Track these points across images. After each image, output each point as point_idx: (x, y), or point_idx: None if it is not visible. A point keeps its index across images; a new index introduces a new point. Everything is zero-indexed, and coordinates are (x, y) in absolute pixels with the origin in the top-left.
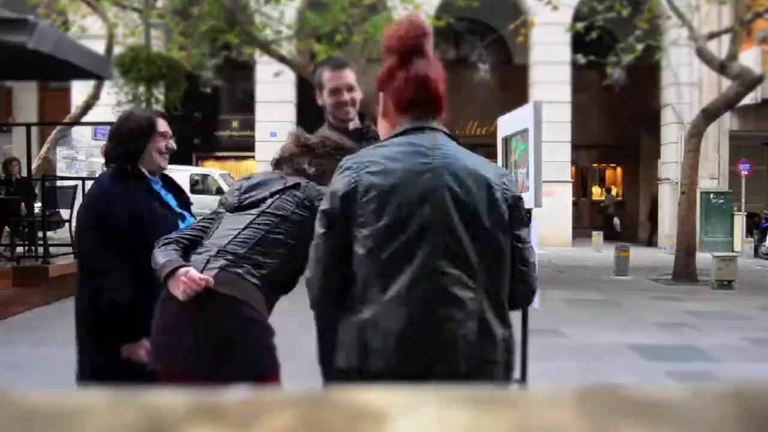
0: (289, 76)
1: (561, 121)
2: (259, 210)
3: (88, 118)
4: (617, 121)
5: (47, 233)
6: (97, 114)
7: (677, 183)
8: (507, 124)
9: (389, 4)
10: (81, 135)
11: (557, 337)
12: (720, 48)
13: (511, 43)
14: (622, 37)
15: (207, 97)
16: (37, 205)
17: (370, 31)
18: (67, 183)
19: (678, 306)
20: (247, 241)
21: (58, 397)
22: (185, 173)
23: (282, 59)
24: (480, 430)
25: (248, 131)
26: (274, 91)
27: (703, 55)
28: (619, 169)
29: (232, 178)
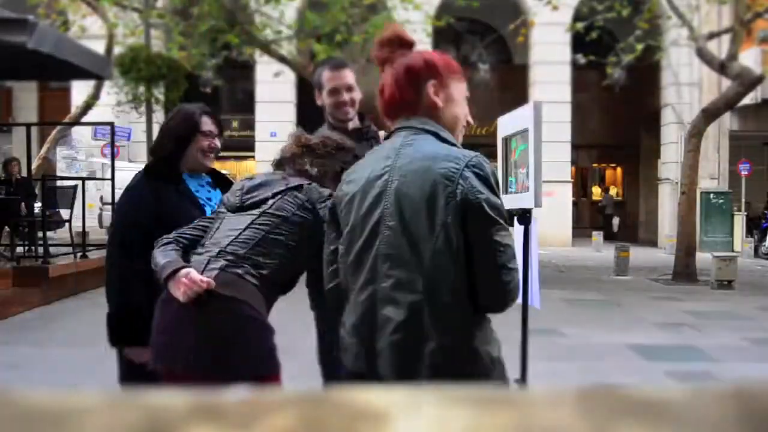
0: (289, 76)
1: (561, 121)
2: (260, 210)
3: (88, 118)
4: (617, 121)
5: (47, 233)
6: (97, 114)
7: (677, 183)
8: (507, 124)
9: (389, 4)
10: (81, 135)
11: (557, 337)
12: (720, 48)
13: (511, 43)
14: (622, 37)
15: (207, 97)
16: (37, 205)
17: (370, 31)
18: (67, 183)
19: (678, 306)
20: (248, 241)
21: (58, 397)
22: None
23: (282, 59)
24: (480, 430)
25: (248, 131)
26: (274, 91)
27: (703, 55)
28: (619, 169)
29: (232, 178)
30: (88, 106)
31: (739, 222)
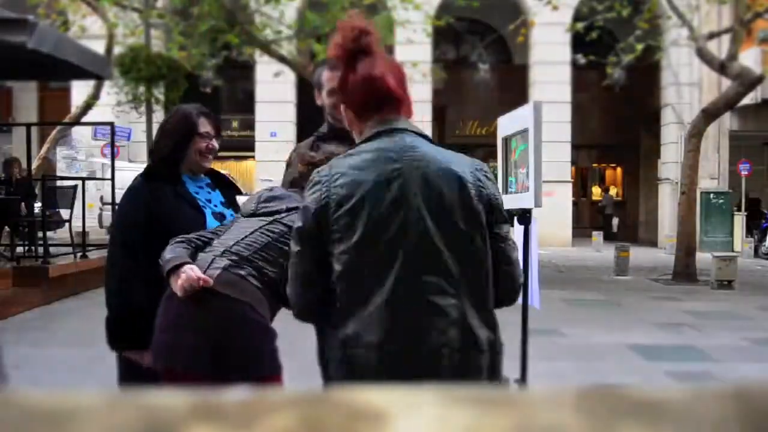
0: (289, 76)
1: (561, 121)
2: (271, 218)
3: (88, 118)
4: (617, 121)
5: (47, 233)
6: (97, 114)
7: (677, 183)
8: (507, 124)
9: (389, 4)
10: (81, 135)
11: (557, 337)
12: (720, 48)
13: (511, 43)
14: (622, 37)
15: (207, 97)
16: (37, 205)
17: None
18: (67, 183)
19: (678, 306)
20: (253, 244)
21: (58, 397)
22: None
23: (282, 59)
24: (480, 430)
25: (248, 131)
26: (274, 91)
27: (703, 55)
28: (619, 169)
29: (232, 178)
30: (88, 106)
31: (739, 222)
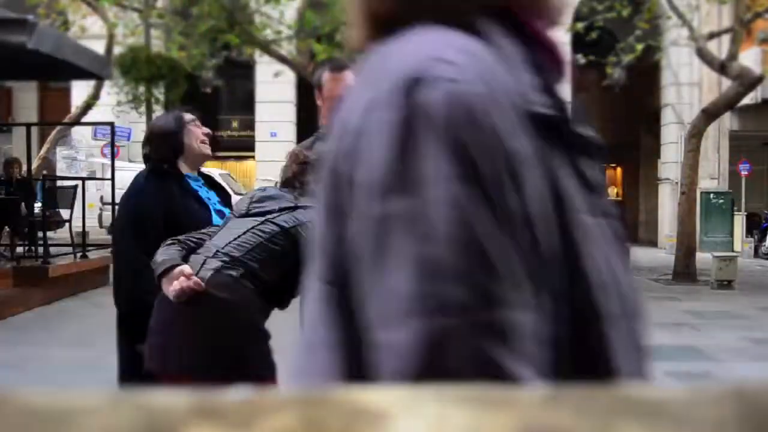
0: (289, 76)
1: None
2: (263, 218)
3: (88, 118)
4: (617, 121)
5: (47, 233)
6: (97, 114)
7: (677, 183)
8: None
9: None
10: (81, 135)
11: None
12: (720, 48)
13: None
14: (622, 37)
15: (207, 97)
16: (37, 205)
17: None
18: (67, 183)
19: (678, 306)
20: (244, 245)
21: (58, 397)
22: None
23: (282, 59)
24: (480, 430)
25: (248, 131)
26: (274, 91)
27: (703, 55)
28: (619, 169)
29: (232, 178)
30: (88, 106)
31: (739, 222)
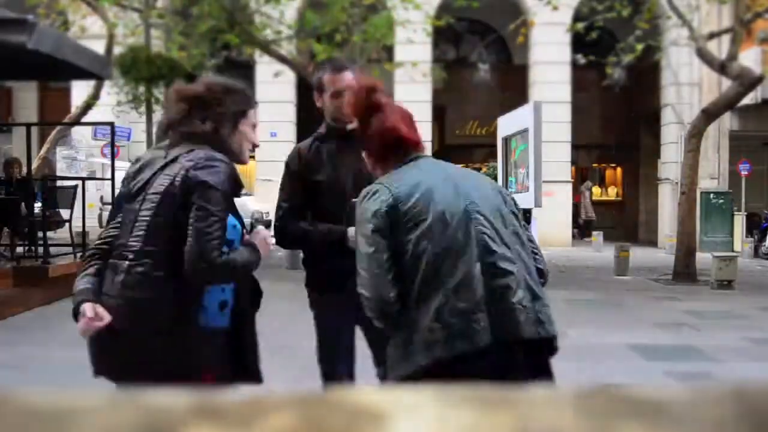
0: (289, 76)
1: (561, 121)
2: (142, 196)
3: (88, 118)
4: (617, 121)
5: (47, 233)
6: (97, 114)
7: (677, 183)
8: (507, 124)
9: (389, 4)
10: (81, 135)
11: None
12: (720, 48)
13: (511, 43)
14: (622, 37)
15: None
16: (37, 205)
17: (370, 31)
18: (67, 183)
19: (678, 306)
20: (140, 233)
21: (58, 397)
22: None
23: (282, 59)
24: (480, 430)
25: None
26: (274, 91)
27: (703, 55)
28: (619, 169)
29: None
30: (88, 106)
31: (739, 222)
